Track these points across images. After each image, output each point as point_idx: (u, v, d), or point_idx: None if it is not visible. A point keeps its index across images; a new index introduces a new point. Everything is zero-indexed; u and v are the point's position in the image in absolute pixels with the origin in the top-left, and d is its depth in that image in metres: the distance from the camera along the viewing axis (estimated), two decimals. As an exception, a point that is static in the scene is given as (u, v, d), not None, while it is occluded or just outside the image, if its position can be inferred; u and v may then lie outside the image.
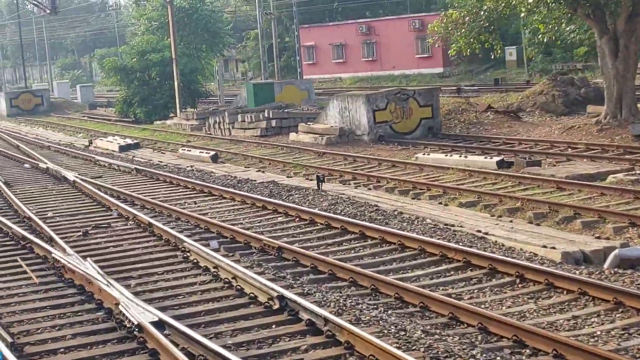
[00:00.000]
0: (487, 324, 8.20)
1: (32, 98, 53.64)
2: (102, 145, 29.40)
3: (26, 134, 38.60)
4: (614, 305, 8.83)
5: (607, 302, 8.90)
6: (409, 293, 9.37)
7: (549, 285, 9.58)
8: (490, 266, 10.35)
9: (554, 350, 7.48)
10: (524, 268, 10.03)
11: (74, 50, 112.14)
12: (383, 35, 62.63)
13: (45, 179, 22.16)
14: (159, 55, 40.51)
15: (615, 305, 8.82)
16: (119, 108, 41.94)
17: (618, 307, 8.79)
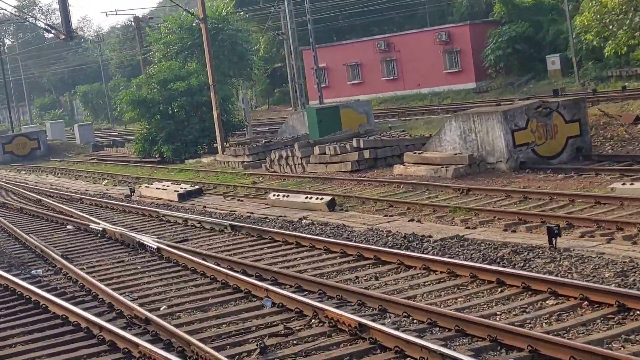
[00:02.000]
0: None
1: (28, 142, 48.00)
2: (149, 194, 23.98)
3: (36, 184, 33.01)
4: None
5: None
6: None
7: None
8: None
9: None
10: None
11: (51, 89, 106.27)
12: (405, 51, 57.79)
13: (109, 246, 16.87)
14: (184, 84, 35.17)
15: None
16: (140, 147, 36.49)
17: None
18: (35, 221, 22.10)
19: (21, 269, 15.72)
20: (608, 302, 8.87)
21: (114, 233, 17.64)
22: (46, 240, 18.31)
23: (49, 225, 21.00)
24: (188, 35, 37.64)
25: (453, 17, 61.83)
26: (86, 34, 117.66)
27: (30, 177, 37.21)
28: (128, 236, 16.86)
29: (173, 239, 16.60)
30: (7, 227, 20.53)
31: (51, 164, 42.95)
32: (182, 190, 22.39)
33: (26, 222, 21.97)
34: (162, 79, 36.00)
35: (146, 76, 36.79)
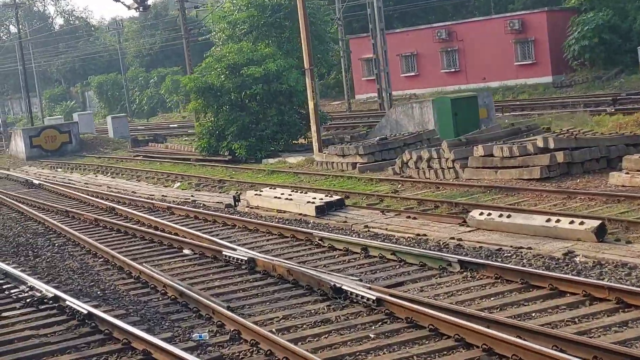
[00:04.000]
0: None
1: (58, 135, 42.60)
2: (264, 205, 18.72)
3: (88, 186, 27.68)
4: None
5: None
6: None
7: None
8: None
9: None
10: None
11: (60, 80, 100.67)
12: (469, 41, 52.52)
13: (276, 287, 11.86)
14: (260, 69, 29.88)
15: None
16: (205, 143, 31.16)
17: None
18: (128, 240, 16.86)
19: (163, 323, 10.60)
20: None
21: (273, 267, 12.44)
22: (168, 272, 13.15)
23: (151, 247, 15.78)
24: (259, 12, 32.31)
25: (514, 6, 56.66)
26: (93, 22, 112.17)
27: (74, 177, 31.86)
28: (304, 274, 11.64)
29: (374, 281, 11.47)
30: (102, 251, 15.30)
31: (89, 161, 37.61)
32: (320, 202, 17.09)
33: (117, 242, 16.73)
34: (231, 62, 30.68)
35: (213, 59, 31.39)
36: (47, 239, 17.92)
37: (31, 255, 16.45)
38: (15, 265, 15.19)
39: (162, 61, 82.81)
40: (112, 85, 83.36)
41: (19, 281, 13.47)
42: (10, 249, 17.31)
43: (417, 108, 27.20)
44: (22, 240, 18.14)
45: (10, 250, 17.15)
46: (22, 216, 21.88)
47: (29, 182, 30.01)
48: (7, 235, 19.06)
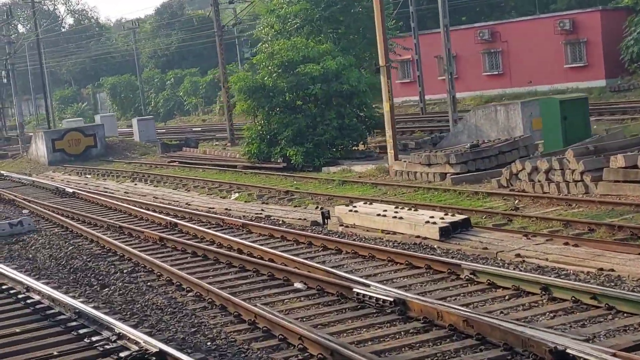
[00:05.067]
0: None
1: (82, 138, 39.70)
2: (363, 223, 15.84)
3: (128, 195, 24.78)
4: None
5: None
6: None
7: None
8: None
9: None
10: None
11: (71, 81, 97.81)
12: (514, 42, 49.66)
13: (449, 344, 8.88)
14: (318, 67, 27.02)
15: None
16: (255, 148, 28.26)
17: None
18: (211, 266, 14.01)
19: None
20: None
21: (439, 313, 9.58)
22: (291, 316, 10.28)
23: (246, 277, 12.98)
24: (312, 5, 29.44)
25: (556, 5, 53.81)
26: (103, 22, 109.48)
27: (109, 185, 28.95)
28: (497, 328, 8.75)
29: (600, 340, 8.56)
30: (190, 282, 12.46)
31: (119, 167, 34.72)
32: (443, 222, 14.18)
33: (199, 269, 13.93)
34: (285, 60, 27.80)
35: (264, 55, 28.45)
36: (110, 263, 15.02)
37: (96, 285, 13.56)
38: (84, 300, 12.30)
39: (179, 62, 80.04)
40: (126, 87, 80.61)
41: (99, 324, 10.57)
42: (67, 276, 14.43)
43: (502, 111, 24.37)
44: (79, 263, 15.25)
45: (69, 278, 14.26)
46: (68, 232, 18.99)
47: (61, 191, 27.13)
48: (58, 256, 16.17)
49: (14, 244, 18.36)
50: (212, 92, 68.39)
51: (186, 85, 70.10)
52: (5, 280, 13.71)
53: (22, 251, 17.44)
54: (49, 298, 12.06)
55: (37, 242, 18.07)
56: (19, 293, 12.95)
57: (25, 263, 15.76)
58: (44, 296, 12.29)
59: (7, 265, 15.19)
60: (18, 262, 15.85)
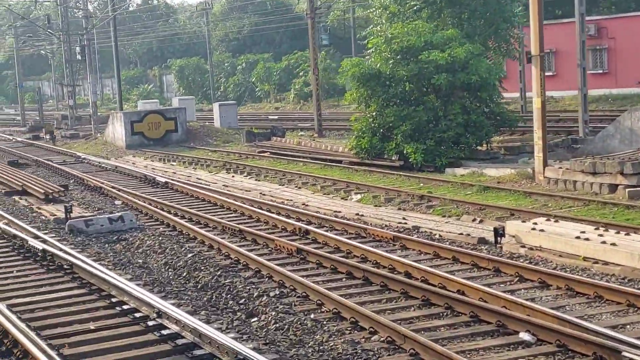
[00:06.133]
0: None
1: (163, 122, 37.14)
2: (555, 247, 12.83)
3: (229, 189, 22.03)
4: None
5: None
6: None
7: None
8: None
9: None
10: None
11: (137, 62, 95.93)
12: (622, 39, 45.97)
13: None
14: (444, 55, 23.99)
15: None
16: (366, 142, 25.32)
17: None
18: (386, 298, 11.16)
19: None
20: None
21: None
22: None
23: (448, 320, 10.00)
24: (433, -14, 26.43)
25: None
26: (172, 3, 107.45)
27: (201, 175, 26.25)
28: None
29: None
30: (372, 321, 9.63)
31: (203, 154, 32.09)
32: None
33: (368, 297, 11.09)
34: (406, 45, 24.81)
35: (380, 39, 25.46)
36: (246, 280, 12.21)
37: (239, 311, 10.79)
38: (237, 335, 9.53)
39: (250, 47, 77.56)
40: (194, 70, 78.25)
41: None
42: (197, 294, 11.67)
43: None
44: (206, 278, 12.49)
45: (201, 298, 11.50)
46: (177, 233, 16.28)
47: (150, 179, 24.51)
48: (176, 265, 13.46)
49: (115, 243, 15.74)
50: (286, 78, 65.70)
51: (259, 70, 67.45)
52: (126, 298, 11.01)
53: (127, 254, 14.79)
54: (193, 332, 9.30)
55: (143, 243, 15.40)
56: (147, 318, 10.23)
57: (140, 273, 13.05)
58: (183, 327, 9.54)
59: (120, 275, 12.51)
60: (131, 271, 13.15)
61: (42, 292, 11.97)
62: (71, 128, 47.22)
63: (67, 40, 49.86)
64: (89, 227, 16.64)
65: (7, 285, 12.52)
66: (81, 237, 16.19)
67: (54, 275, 12.99)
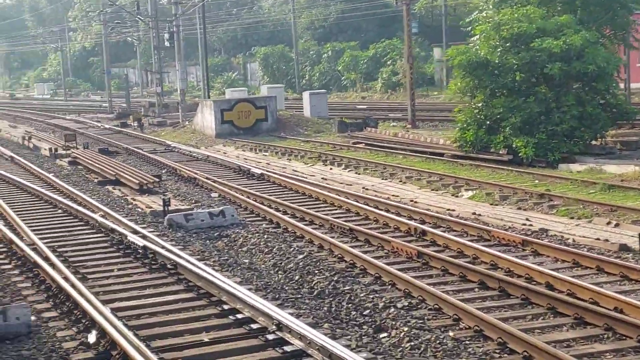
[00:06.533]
0: None
1: (253, 110, 36.34)
2: None
3: (328, 182, 20.94)
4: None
5: None
6: None
7: None
8: None
9: None
10: None
11: (220, 50, 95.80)
12: None
13: None
14: (559, 43, 22.44)
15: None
16: (471, 135, 23.98)
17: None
18: (532, 314, 9.97)
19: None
20: None
21: None
22: None
23: (616, 344, 8.67)
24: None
25: None
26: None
27: (297, 166, 25.25)
28: None
29: None
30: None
31: (296, 145, 31.14)
32: None
33: (509, 312, 9.86)
34: (516, 32, 23.33)
35: (489, 25, 24.06)
36: (367, 287, 11.10)
37: (365, 324, 9.69)
38: (369, 356, 8.43)
39: (336, 35, 76.53)
40: (279, 58, 77.52)
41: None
42: (315, 303, 10.61)
43: None
44: (322, 282, 11.43)
45: (320, 307, 10.43)
46: (283, 231, 15.27)
47: (244, 170, 23.61)
48: (286, 267, 12.45)
49: (217, 240, 14.83)
50: (373, 67, 64.43)
51: (346, 59, 66.33)
52: (239, 305, 10.02)
53: (230, 252, 13.85)
54: (321, 351, 8.23)
55: (247, 240, 14.45)
56: (266, 331, 9.21)
57: (249, 276, 12.06)
58: (309, 344, 8.48)
59: (228, 277, 11.55)
60: (240, 274, 12.17)
61: (146, 295, 11.10)
62: (159, 116, 46.88)
63: (156, 26, 49.50)
64: (189, 221, 15.77)
65: (110, 285, 11.69)
66: (181, 233, 15.34)
67: (157, 275, 12.11)
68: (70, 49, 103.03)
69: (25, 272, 12.55)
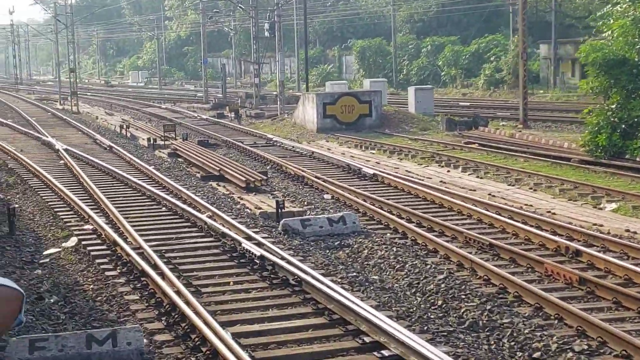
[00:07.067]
0: None
1: (357, 105, 34.79)
2: None
3: (447, 186, 19.19)
4: None
5: None
6: None
7: None
8: None
9: None
10: None
11: (316, 42, 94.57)
12: None
13: None
14: None
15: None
16: (604, 139, 21.92)
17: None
18: None
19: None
20: None
21: None
22: None
23: None
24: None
25: None
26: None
27: (409, 167, 23.54)
28: None
29: None
30: None
31: (402, 142, 29.48)
32: None
33: None
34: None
35: (627, 21, 21.96)
36: (530, 322, 9.41)
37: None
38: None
39: (436, 29, 74.41)
40: (376, 51, 75.83)
41: None
42: (472, 340, 8.97)
43: None
44: (472, 311, 9.79)
45: (479, 344, 8.79)
46: (412, 243, 13.66)
47: (354, 170, 22.07)
48: (425, 289, 10.86)
49: (338, 249, 13.33)
50: (474, 63, 62.21)
51: (447, 54, 64.24)
52: (384, 339, 8.46)
53: (355, 265, 12.33)
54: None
55: (373, 253, 12.91)
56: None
57: (385, 297, 10.49)
58: (482, 399, 6.85)
59: (361, 298, 10.01)
60: (373, 294, 10.62)
61: (270, 318, 9.65)
62: (256, 107, 45.77)
63: (256, 16, 48.42)
64: (306, 228, 14.31)
65: (227, 303, 10.29)
66: (298, 240, 13.88)
67: (279, 292, 10.67)
68: (166, 38, 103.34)
69: (132, 280, 11.27)
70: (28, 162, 23.63)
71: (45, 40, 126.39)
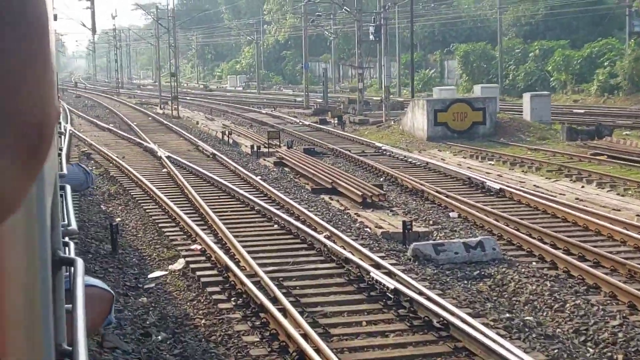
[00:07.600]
0: None
1: (469, 112, 32.85)
2: None
3: (584, 204, 17.18)
4: None
5: None
6: None
7: None
8: None
9: None
10: None
11: (416, 46, 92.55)
12: None
13: None
14: None
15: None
16: None
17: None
18: None
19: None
20: None
21: None
22: None
23: None
24: None
25: None
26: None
27: (536, 181, 21.54)
28: None
29: None
30: None
31: (520, 152, 27.45)
32: None
33: None
34: None
35: None
36: None
37: None
38: None
39: (544, 33, 71.55)
40: (480, 56, 73.46)
41: None
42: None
43: None
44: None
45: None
46: (566, 275, 11.84)
47: (476, 183, 20.25)
48: (597, 337, 9.06)
49: (478, 281, 11.61)
50: (586, 68, 59.33)
51: (557, 58, 61.51)
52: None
53: (502, 301, 10.60)
54: None
55: (523, 287, 11.15)
56: None
57: (552, 350, 8.74)
58: None
59: (524, 350, 8.28)
60: (539, 345, 8.87)
61: (418, 373, 8.03)
62: (360, 113, 44.25)
63: (359, 19, 46.94)
64: (439, 254, 12.64)
65: (364, 349, 8.72)
66: (431, 268, 12.23)
67: (423, 338, 9.04)
68: (264, 42, 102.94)
69: (249, 317, 9.82)
70: (130, 170, 22.65)
71: (145, 45, 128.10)
